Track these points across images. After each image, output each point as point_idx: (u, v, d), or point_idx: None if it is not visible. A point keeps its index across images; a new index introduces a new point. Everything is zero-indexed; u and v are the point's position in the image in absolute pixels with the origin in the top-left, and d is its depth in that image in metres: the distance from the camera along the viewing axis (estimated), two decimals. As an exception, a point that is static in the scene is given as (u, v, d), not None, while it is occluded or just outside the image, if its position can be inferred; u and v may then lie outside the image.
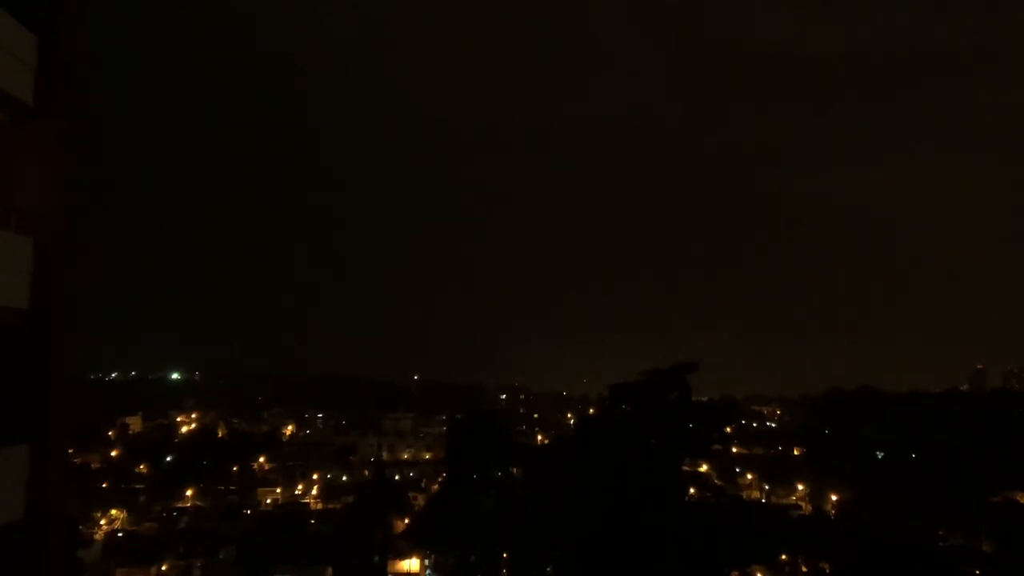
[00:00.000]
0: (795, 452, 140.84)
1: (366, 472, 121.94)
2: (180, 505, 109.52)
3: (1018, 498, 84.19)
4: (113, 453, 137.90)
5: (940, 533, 61.16)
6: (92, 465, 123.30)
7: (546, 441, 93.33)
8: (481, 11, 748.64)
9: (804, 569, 62.06)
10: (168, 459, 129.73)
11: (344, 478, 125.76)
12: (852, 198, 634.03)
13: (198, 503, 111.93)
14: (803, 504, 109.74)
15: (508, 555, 34.53)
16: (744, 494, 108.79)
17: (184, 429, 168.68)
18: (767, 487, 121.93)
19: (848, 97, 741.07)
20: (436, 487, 76.34)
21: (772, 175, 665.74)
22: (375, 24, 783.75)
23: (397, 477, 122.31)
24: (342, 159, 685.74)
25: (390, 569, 74.11)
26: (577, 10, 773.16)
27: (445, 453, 44.84)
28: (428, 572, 72.97)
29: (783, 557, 61.27)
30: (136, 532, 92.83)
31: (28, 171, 13.22)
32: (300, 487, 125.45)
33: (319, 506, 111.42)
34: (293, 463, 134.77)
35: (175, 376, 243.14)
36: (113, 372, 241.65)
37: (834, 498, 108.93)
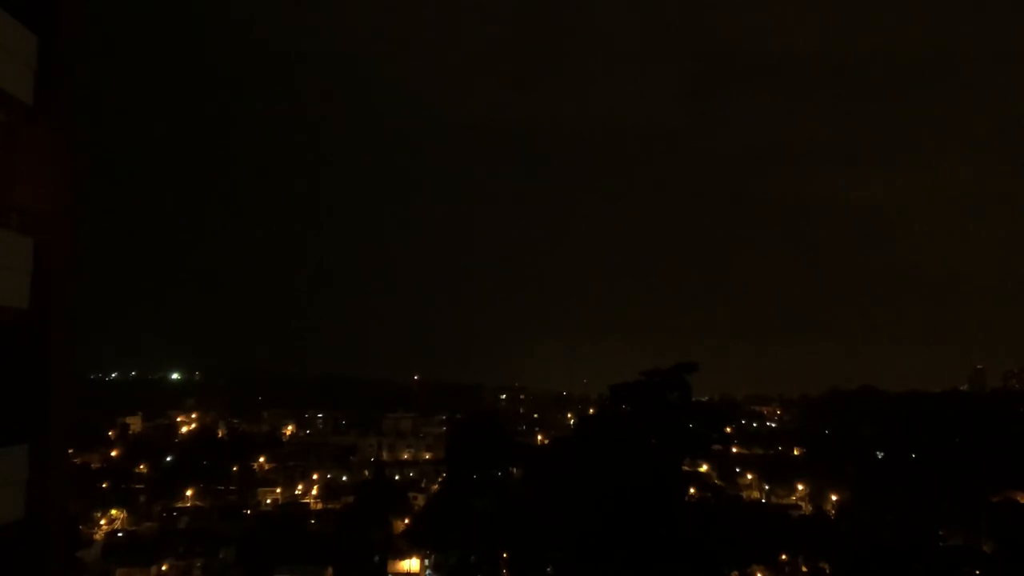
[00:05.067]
0: (795, 452, 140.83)
1: (366, 472, 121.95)
2: (180, 505, 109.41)
3: (1018, 498, 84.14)
4: (113, 453, 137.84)
5: (940, 533, 61.02)
6: (92, 465, 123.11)
7: (546, 441, 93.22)
8: (486, 10, 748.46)
9: (804, 569, 62.16)
10: (168, 459, 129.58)
11: (344, 478, 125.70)
12: (853, 198, 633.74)
13: (198, 503, 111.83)
14: (803, 504, 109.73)
15: (508, 555, 34.54)
16: (744, 494, 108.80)
17: (184, 429, 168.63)
18: (767, 487, 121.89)
19: (849, 97, 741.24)
20: (436, 487, 76.25)
21: (773, 174, 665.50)
22: (385, 24, 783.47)
23: (397, 477, 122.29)
24: (344, 158, 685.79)
25: (390, 569, 74.12)
26: (582, 10, 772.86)
27: (445, 453, 44.91)
28: (428, 572, 72.92)
29: (783, 557, 61.37)
30: (136, 532, 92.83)
31: (28, 171, 13.23)
32: (300, 487, 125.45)
33: (319, 506, 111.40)
34: (293, 463, 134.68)
35: (175, 376, 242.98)
36: (113, 372, 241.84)
37: (834, 498, 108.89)
